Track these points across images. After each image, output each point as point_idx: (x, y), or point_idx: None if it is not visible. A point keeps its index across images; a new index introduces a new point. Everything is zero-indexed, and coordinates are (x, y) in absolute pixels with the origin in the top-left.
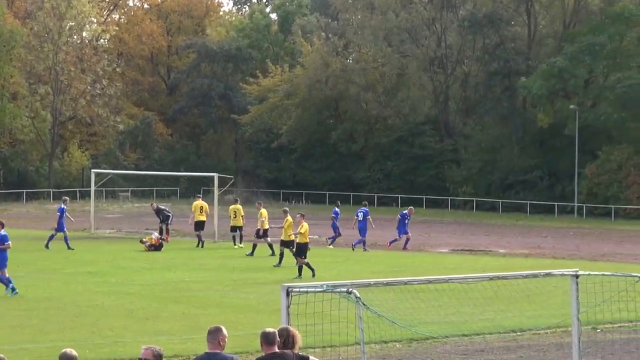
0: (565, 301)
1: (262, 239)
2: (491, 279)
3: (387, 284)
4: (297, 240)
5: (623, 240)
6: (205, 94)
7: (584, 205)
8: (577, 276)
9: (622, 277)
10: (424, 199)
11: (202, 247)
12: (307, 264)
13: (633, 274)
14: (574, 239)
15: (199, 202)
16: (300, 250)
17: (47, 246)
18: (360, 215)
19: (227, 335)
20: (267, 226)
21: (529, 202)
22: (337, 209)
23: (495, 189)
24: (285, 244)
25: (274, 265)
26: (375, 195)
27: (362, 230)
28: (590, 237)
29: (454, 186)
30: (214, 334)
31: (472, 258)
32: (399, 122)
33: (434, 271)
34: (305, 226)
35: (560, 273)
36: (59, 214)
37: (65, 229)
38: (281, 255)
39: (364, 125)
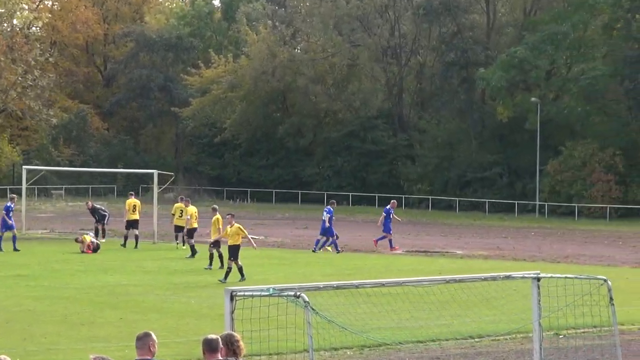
0: (526, 305)
1: (187, 239)
2: (448, 282)
3: (338, 287)
4: (229, 242)
5: (587, 241)
6: (144, 86)
7: (546, 203)
8: (538, 279)
9: (586, 280)
10: (377, 197)
11: (136, 247)
12: (240, 269)
13: (597, 276)
14: (536, 240)
15: (132, 200)
16: (232, 253)
17: (0, 249)
18: (325, 214)
19: (156, 340)
20: (195, 225)
21: (487, 200)
22: (331, 208)
23: (452, 186)
24: (215, 244)
25: (205, 268)
26: (325, 193)
27: (329, 230)
28: (552, 237)
29: (409, 184)
30: (143, 340)
31: (427, 260)
32: (350, 116)
33: (388, 274)
34: (234, 228)
35: (521, 276)
36: (4, 212)
37: (14, 228)
38: (210, 257)
39: (313, 119)
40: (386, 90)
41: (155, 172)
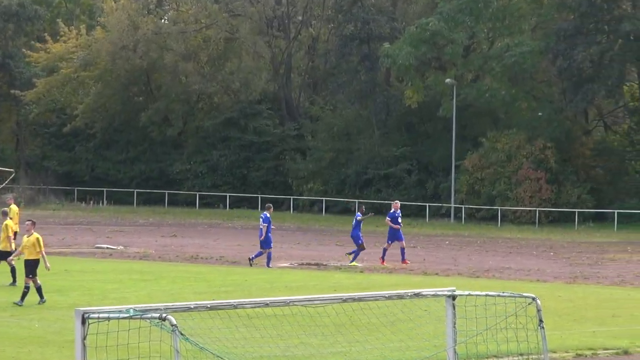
0: (439, 329)
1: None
2: (345, 301)
3: (212, 307)
4: (26, 256)
5: (512, 251)
6: None
7: (463, 206)
8: (453, 297)
9: (511, 299)
10: (259, 199)
11: None
12: (38, 289)
13: (524, 294)
14: (450, 250)
15: None
16: (28, 269)
17: None
18: (261, 222)
19: None
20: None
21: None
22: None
23: (351, 186)
24: (2, 255)
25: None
26: (197, 194)
27: (266, 241)
28: (470, 247)
29: (298, 182)
30: None
31: (320, 274)
32: (228, 101)
33: (273, 292)
34: (31, 238)
35: (433, 293)
36: None
37: None
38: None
39: (183, 105)
40: (271, 69)
41: None
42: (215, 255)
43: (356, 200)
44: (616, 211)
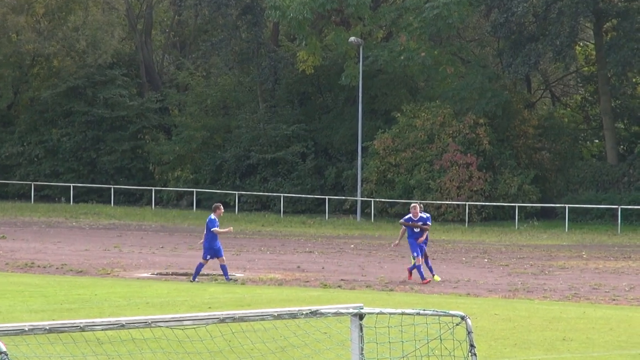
0: (342, 357)
1: None
2: (223, 320)
3: (52, 329)
4: None
5: (435, 257)
6: None
7: (372, 200)
8: (361, 316)
9: (434, 318)
10: (113, 191)
11: None
12: None
13: (451, 312)
14: (357, 256)
15: None
16: None
17: None
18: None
19: None
20: None
21: (283, 194)
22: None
23: (229, 173)
24: None
25: None
26: (32, 184)
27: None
28: (382, 252)
29: (162, 169)
30: None
31: (190, 287)
32: (72, 65)
33: (130, 309)
34: None
35: (335, 311)
36: None
37: None
38: None
39: (14, 69)
40: (127, 25)
41: None
42: (55, 262)
43: (236, 192)
44: (567, 205)
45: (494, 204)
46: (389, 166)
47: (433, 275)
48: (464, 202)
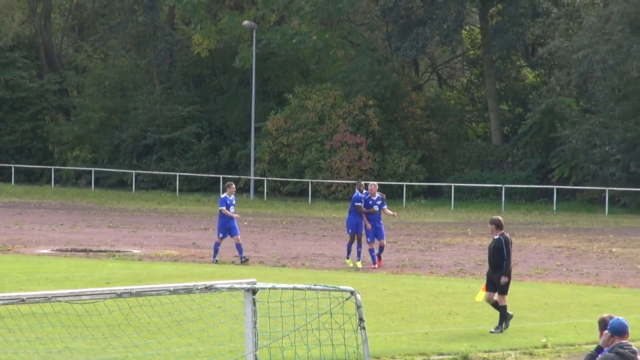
0: (236, 330)
1: None
2: (120, 295)
3: None
4: None
5: (325, 234)
6: None
7: (266, 179)
8: (254, 291)
9: (325, 293)
10: (13, 169)
11: None
12: None
13: (341, 287)
14: (250, 233)
15: None
16: None
17: None
18: None
19: None
20: None
21: (178, 173)
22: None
23: (127, 153)
24: None
25: None
26: None
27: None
28: (274, 229)
29: (61, 149)
30: None
31: (89, 263)
32: None
33: (30, 285)
34: None
35: (229, 286)
36: None
37: None
38: None
39: None
40: (27, 8)
41: None
42: None
43: (133, 172)
44: (453, 185)
45: (383, 183)
46: (281, 146)
47: (358, 260)
48: (353, 181)
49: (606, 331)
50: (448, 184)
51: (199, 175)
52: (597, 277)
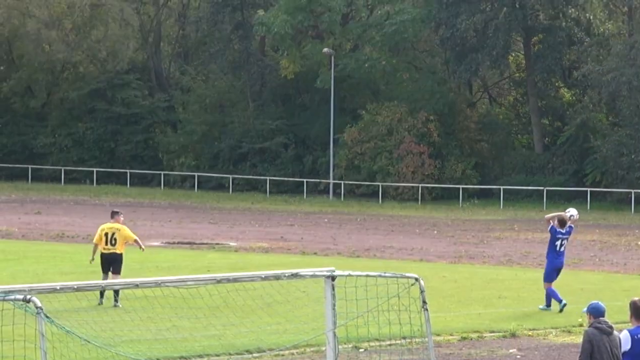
0: (317, 312)
1: None
2: (219, 282)
3: (79, 289)
4: None
5: (394, 229)
6: None
7: (342, 182)
8: (333, 278)
9: (393, 279)
10: (129, 174)
11: None
12: None
13: (407, 274)
14: (329, 228)
15: None
16: None
17: None
18: None
19: None
20: None
21: (269, 178)
22: None
23: (224, 160)
24: None
25: None
26: (62, 168)
27: None
28: (350, 225)
29: (169, 157)
30: None
31: (193, 254)
32: (94, 70)
33: (142, 272)
34: None
35: (311, 274)
36: None
37: None
38: None
39: (47, 74)
40: (140, 37)
41: None
42: (82, 233)
43: (230, 176)
44: (502, 187)
45: (442, 185)
46: (355, 154)
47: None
48: (417, 184)
49: (584, 310)
50: (497, 186)
51: (286, 179)
52: (625, 266)
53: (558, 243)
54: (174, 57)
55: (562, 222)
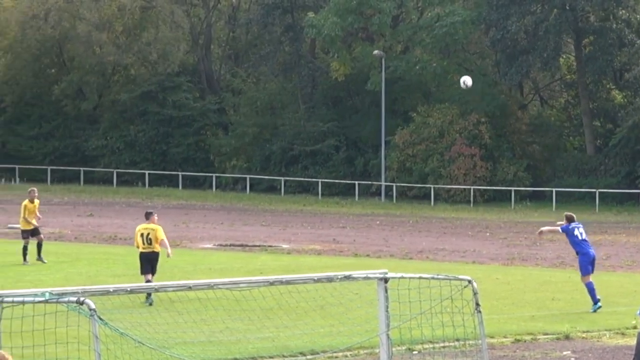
0: (370, 314)
1: None
2: (272, 284)
3: (132, 291)
4: None
5: (446, 231)
6: None
7: (394, 184)
8: (386, 280)
9: (446, 281)
10: (180, 176)
11: None
12: None
13: (460, 276)
14: (382, 230)
15: None
16: None
17: None
18: None
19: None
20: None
21: (320, 180)
22: None
23: (276, 163)
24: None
25: None
26: (115, 171)
27: None
28: (402, 227)
29: (221, 159)
30: None
31: (245, 256)
32: (145, 73)
33: (195, 274)
34: None
35: (364, 276)
36: None
37: None
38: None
39: (98, 77)
40: (190, 40)
41: None
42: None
43: (282, 178)
44: (554, 189)
45: (494, 188)
46: (407, 157)
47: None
48: (469, 187)
49: (638, 313)
50: (550, 188)
51: (337, 181)
52: None
53: (577, 232)
54: (224, 60)
55: (569, 218)
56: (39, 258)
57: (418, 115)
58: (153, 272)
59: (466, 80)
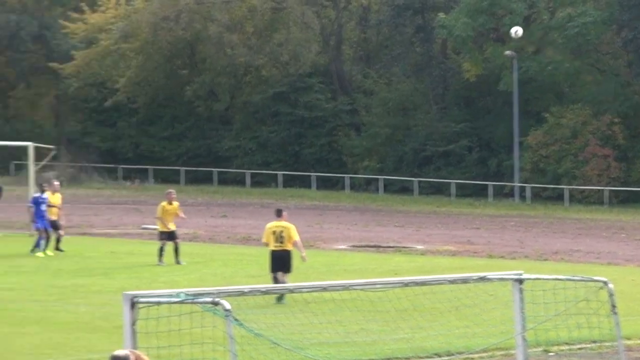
0: (506, 315)
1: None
2: (407, 285)
3: (267, 292)
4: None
5: (581, 232)
6: (13, 35)
7: (528, 185)
8: (521, 281)
9: (581, 283)
10: (313, 177)
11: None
12: None
13: (595, 277)
14: (516, 232)
15: None
16: None
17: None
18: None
19: None
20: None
21: (454, 181)
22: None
23: (408, 163)
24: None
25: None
26: (247, 172)
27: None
28: (537, 228)
29: (353, 160)
30: None
31: (379, 257)
32: (277, 74)
33: (330, 275)
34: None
35: (499, 277)
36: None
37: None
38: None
39: (230, 78)
40: (321, 41)
41: (30, 144)
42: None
43: (415, 179)
44: None
45: (629, 188)
46: (540, 157)
47: None
48: (603, 187)
49: None
50: None
51: (470, 182)
52: None
53: None
54: (355, 61)
55: None
56: (177, 261)
57: (551, 116)
58: (287, 270)
59: (518, 31)
